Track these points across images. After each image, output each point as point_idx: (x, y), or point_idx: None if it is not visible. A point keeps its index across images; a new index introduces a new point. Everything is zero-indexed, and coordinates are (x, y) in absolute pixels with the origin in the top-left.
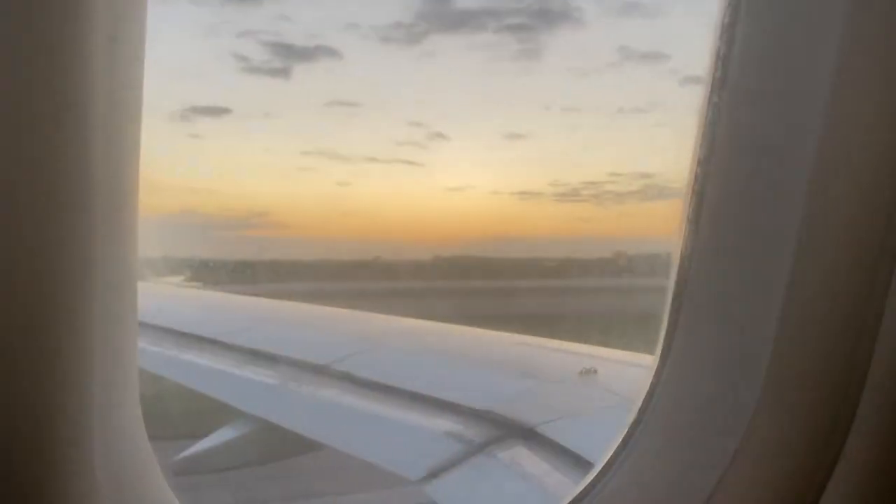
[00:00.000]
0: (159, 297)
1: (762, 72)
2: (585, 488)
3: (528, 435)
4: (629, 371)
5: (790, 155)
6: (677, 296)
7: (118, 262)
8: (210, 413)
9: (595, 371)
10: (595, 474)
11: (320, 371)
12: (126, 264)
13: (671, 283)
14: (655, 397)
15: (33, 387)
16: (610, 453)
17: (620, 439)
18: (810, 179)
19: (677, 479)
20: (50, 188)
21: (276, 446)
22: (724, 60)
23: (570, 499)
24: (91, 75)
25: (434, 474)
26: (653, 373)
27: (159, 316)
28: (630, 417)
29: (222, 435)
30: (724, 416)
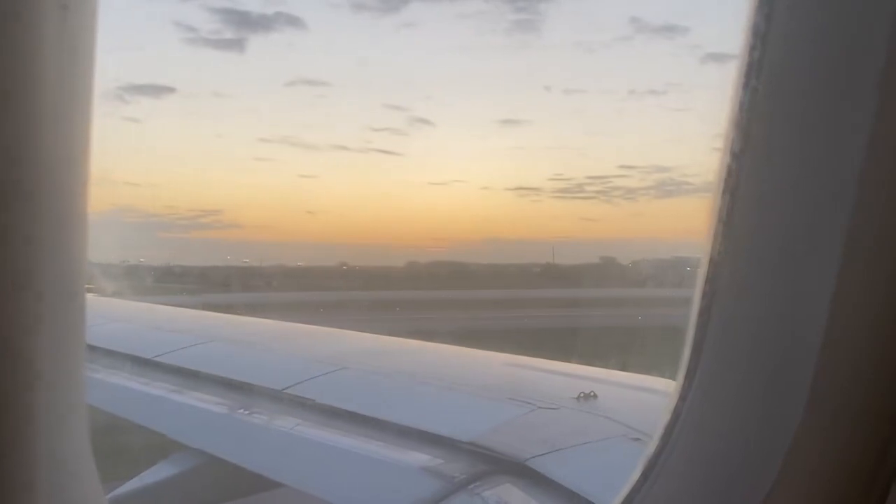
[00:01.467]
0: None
1: (807, 52)
2: None
3: (518, 470)
4: (631, 395)
5: (838, 148)
6: (705, 308)
7: (67, 263)
8: (144, 446)
9: (594, 395)
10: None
11: (274, 397)
12: (76, 266)
13: (696, 294)
14: (680, 423)
15: None
16: (627, 490)
17: (640, 473)
18: (860, 178)
19: None
20: None
21: (223, 485)
22: (763, 37)
23: None
24: (40, 46)
25: None
26: (677, 396)
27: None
28: (651, 447)
29: (159, 471)
30: (760, 443)
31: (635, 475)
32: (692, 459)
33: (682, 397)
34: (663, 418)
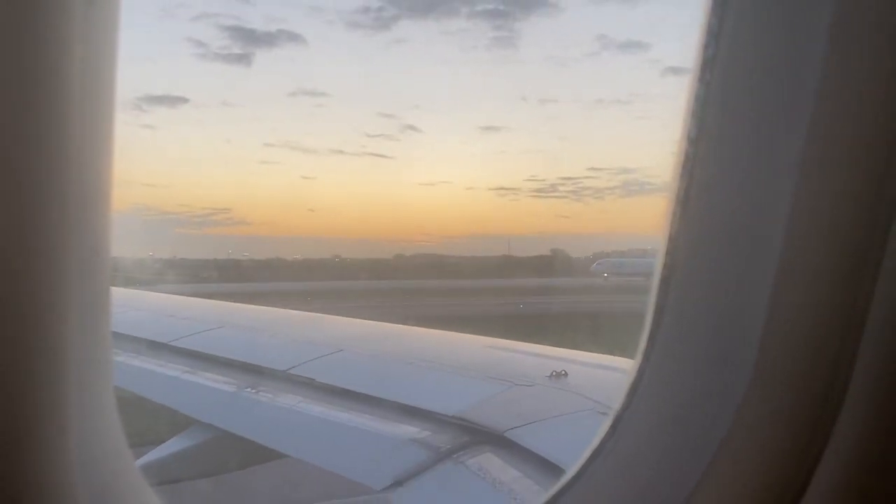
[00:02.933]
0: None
1: (755, 50)
2: (562, 489)
3: (497, 440)
4: (598, 373)
5: (780, 145)
6: (662, 289)
7: (91, 260)
8: (161, 422)
9: (565, 374)
10: (573, 474)
11: (278, 377)
12: (99, 263)
13: (655, 278)
14: (638, 394)
15: (6, 395)
16: (588, 453)
17: (601, 437)
18: (800, 169)
19: (659, 475)
20: (23, 179)
21: (233, 456)
22: (716, 36)
23: (545, 499)
24: (67, 43)
25: (399, 483)
26: (636, 369)
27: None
28: (611, 415)
29: (175, 444)
30: (709, 409)
31: (597, 440)
32: (649, 424)
33: (641, 370)
34: (623, 389)
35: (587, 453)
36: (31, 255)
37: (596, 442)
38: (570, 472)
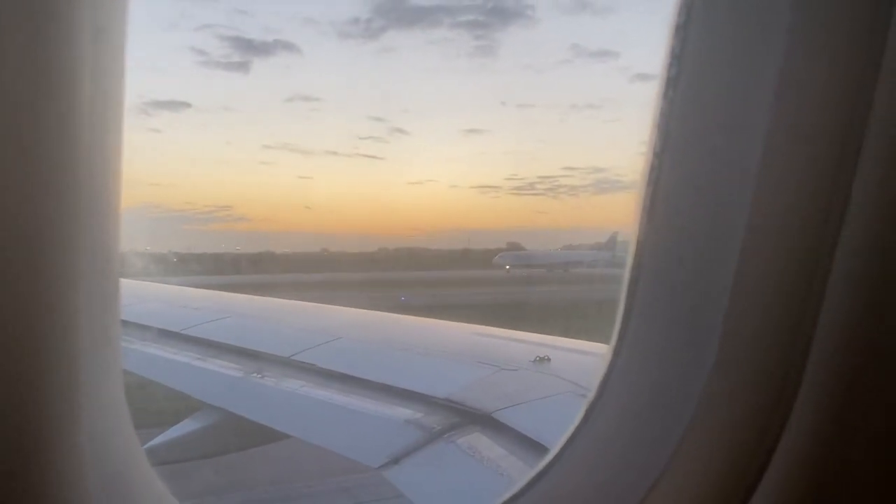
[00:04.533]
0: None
1: (712, 71)
2: (542, 470)
3: (485, 421)
4: (579, 358)
5: (738, 149)
6: (633, 282)
7: (101, 255)
8: (173, 404)
9: (548, 359)
10: (553, 455)
11: (282, 362)
12: (109, 257)
13: (627, 271)
14: (612, 379)
15: (20, 386)
16: (567, 435)
17: (578, 421)
18: (757, 171)
19: (631, 456)
20: (39, 178)
21: (240, 436)
22: (679, 57)
23: (527, 479)
24: (78, 65)
25: (395, 461)
26: (610, 356)
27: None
28: (588, 399)
29: (186, 426)
30: (675, 395)
31: (577, 420)
32: (623, 404)
33: (615, 357)
34: (600, 371)
35: (564, 438)
36: (44, 249)
37: (572, 428)
38: (548, 457)
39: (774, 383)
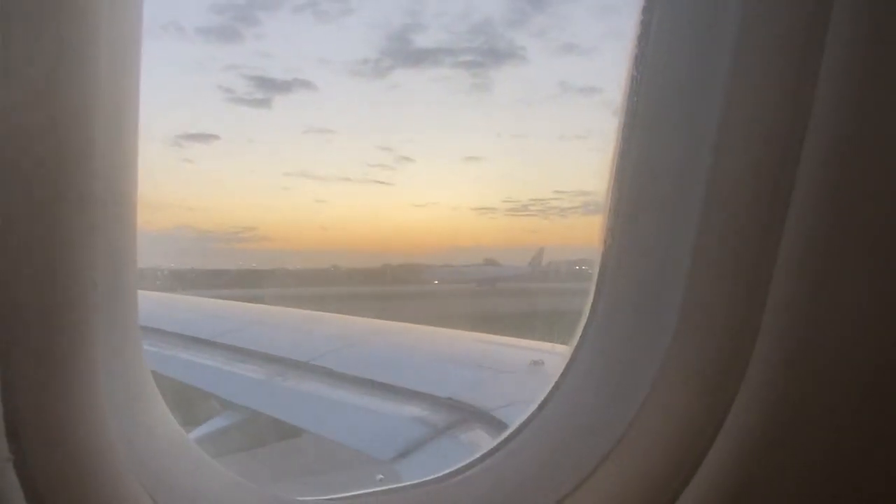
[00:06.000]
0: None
1: (665, 99)
2: (506, 438)
3: (485, 418)
4: None
5: (690, 170)
6: (598, 288)
7: (118, 266)
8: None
9: (542, 362)
10: (517, 425)
11: (302, 367)
12: (126, 267)
13: (594, 279)
14: (576, 362)
15: (45, 391)
16: (542, 398)
17: (544, 395)
18: (706, 193)
19: (592, 425)
20: (57, 190)
21: (264, 432)
22: (637, 88)
23: (481, 452)
24: (95, 82)
25: (402, 455)
26: (574, 345)
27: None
28: (558, 372)
29: (215, 423)
30: (635, 369)
31: (547, 389)
32: (584, 386)
33: (577, 348)
34: (568, 352)
35: (533, 407)
36: (64, 251)
37: (540, 398)
38: (516, 424)
39: (724, 363)
